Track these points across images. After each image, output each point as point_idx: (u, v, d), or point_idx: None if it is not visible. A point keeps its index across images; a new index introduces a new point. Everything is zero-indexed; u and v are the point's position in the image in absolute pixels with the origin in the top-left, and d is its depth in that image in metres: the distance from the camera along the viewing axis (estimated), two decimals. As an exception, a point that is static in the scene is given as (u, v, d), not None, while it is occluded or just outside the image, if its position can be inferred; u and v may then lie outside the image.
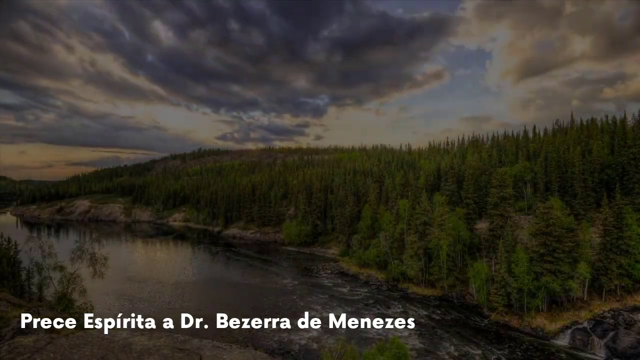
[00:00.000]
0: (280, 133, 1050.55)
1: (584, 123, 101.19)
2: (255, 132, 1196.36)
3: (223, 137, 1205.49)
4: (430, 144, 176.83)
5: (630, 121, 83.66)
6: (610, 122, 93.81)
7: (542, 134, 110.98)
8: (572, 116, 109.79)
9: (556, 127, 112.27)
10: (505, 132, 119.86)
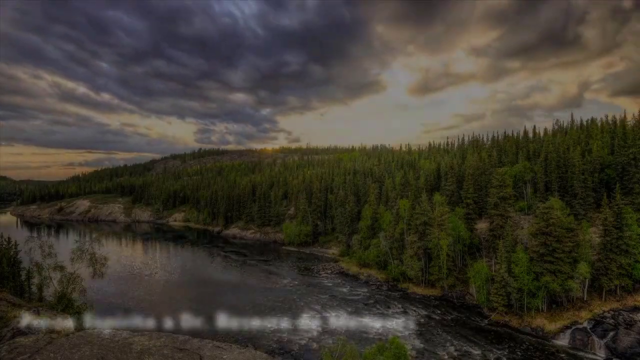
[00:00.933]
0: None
1: (584, 123, 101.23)
2: (229, 136, 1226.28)
3: (200, 141, 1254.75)
4: (430, 144, 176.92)
5: (630, 121, 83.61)
6: (610, 122, 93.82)
7: (542, 134, 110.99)
8: (571, 116, 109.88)
9: (556, 127, 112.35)
10: (505, 132, 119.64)
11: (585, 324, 47.92)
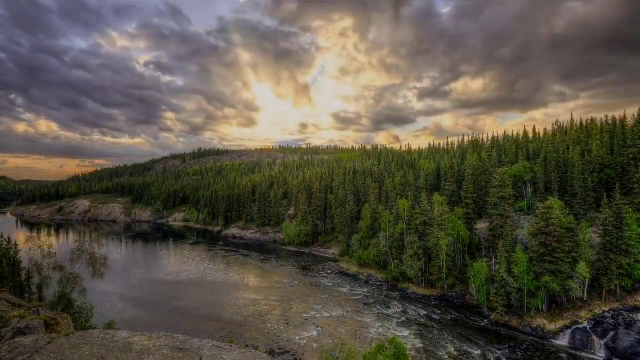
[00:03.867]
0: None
1: (584, 123, 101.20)
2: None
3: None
4: (430, 144, 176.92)
5: (630, 121, 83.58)
6: (610, 122, 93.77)
7: (542, 133, 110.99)
8: (571, 116, 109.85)
9: (556, 127, 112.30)
10: (505, 132, 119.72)
11: (585, 324, 47.92)
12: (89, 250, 34.63)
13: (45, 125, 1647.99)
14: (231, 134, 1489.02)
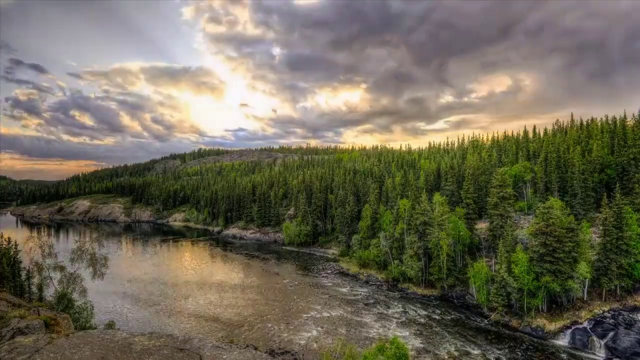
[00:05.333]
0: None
1: (584, 123, 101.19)
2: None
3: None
4: (430, 144, 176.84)
5: (630, 121, 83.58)
6: (610, 122, 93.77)
7: (542, 133, 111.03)
8: (572, 116, 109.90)
9: (556, 127, 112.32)
10: (505, 132, 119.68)
11: (585, 324, 47.90)
12: (90, 250, 34.64)
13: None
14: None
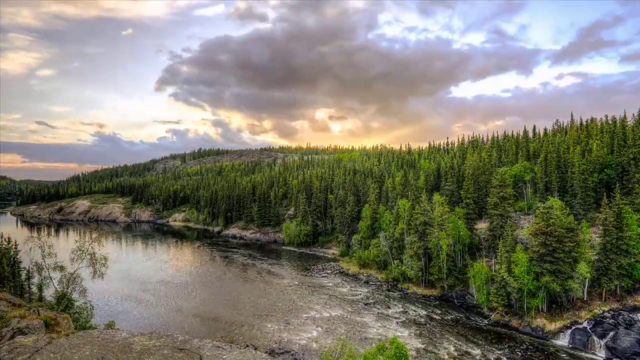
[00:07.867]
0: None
1: (584, 123, 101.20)
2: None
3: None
4: (430, 144, 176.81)
5: (630, 121, 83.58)
6: (610, 122, 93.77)
7: (542, 133, 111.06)
8: (571, 116, 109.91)
9: (556, 127, 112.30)
10: (505, 132, 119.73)
11: (585, 324, 47.91)
12: (90, 250, 34.58)
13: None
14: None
